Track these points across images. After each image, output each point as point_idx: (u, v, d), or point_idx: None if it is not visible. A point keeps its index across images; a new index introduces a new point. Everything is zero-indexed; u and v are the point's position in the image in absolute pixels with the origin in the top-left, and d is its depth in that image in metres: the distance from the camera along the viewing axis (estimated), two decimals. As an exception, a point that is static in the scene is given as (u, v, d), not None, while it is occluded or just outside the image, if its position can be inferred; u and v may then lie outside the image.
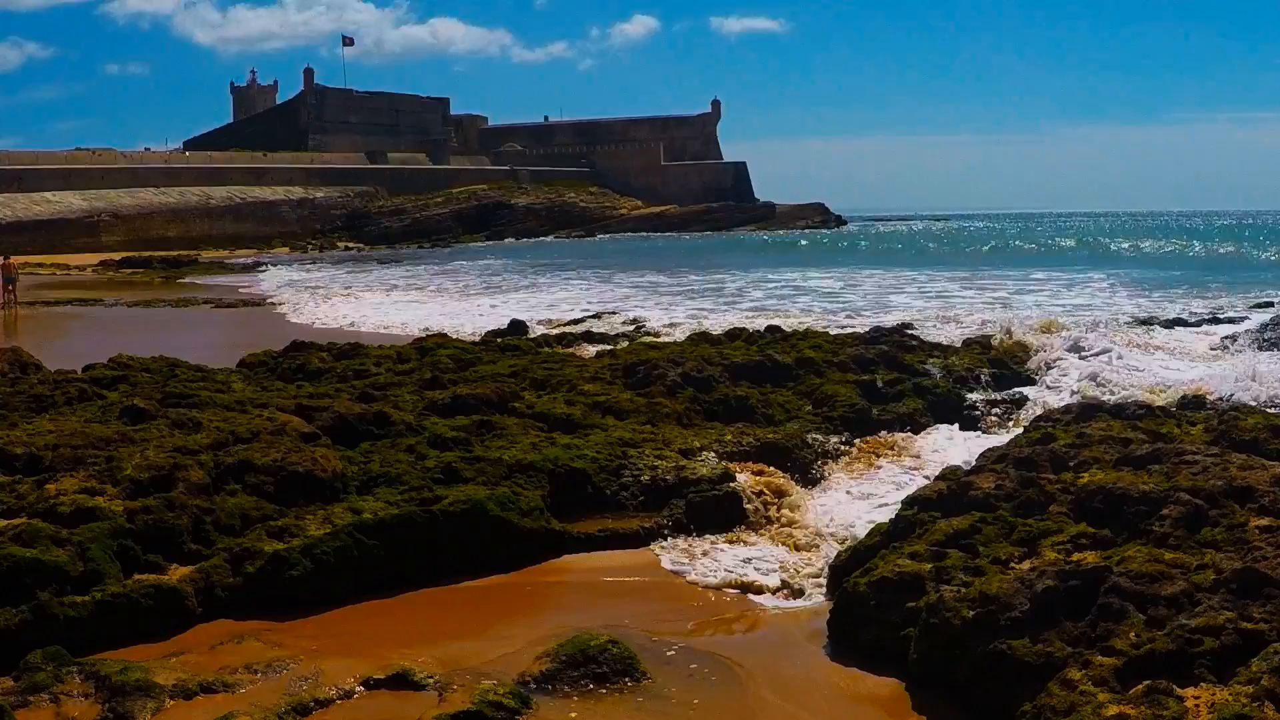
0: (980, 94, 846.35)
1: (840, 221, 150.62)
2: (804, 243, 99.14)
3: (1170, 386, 17.42)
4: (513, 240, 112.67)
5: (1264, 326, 25.38)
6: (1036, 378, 19.42)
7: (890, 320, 27.62)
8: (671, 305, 38.92)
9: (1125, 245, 79.67)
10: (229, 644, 8.55)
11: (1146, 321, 28.83)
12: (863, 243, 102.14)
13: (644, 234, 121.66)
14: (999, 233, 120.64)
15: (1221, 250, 74.10)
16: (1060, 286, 45.52)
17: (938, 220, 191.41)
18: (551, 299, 42.48)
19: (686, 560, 10.64)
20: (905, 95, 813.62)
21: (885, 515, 10.46)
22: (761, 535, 11.35)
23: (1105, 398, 16.47)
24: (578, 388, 16.07)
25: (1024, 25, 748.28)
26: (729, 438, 14.09)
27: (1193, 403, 16.61)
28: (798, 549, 10.86)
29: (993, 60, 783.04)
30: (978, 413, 17.02)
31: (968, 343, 21.51)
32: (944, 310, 33.14)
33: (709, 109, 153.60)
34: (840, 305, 38.47)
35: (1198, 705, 6.22)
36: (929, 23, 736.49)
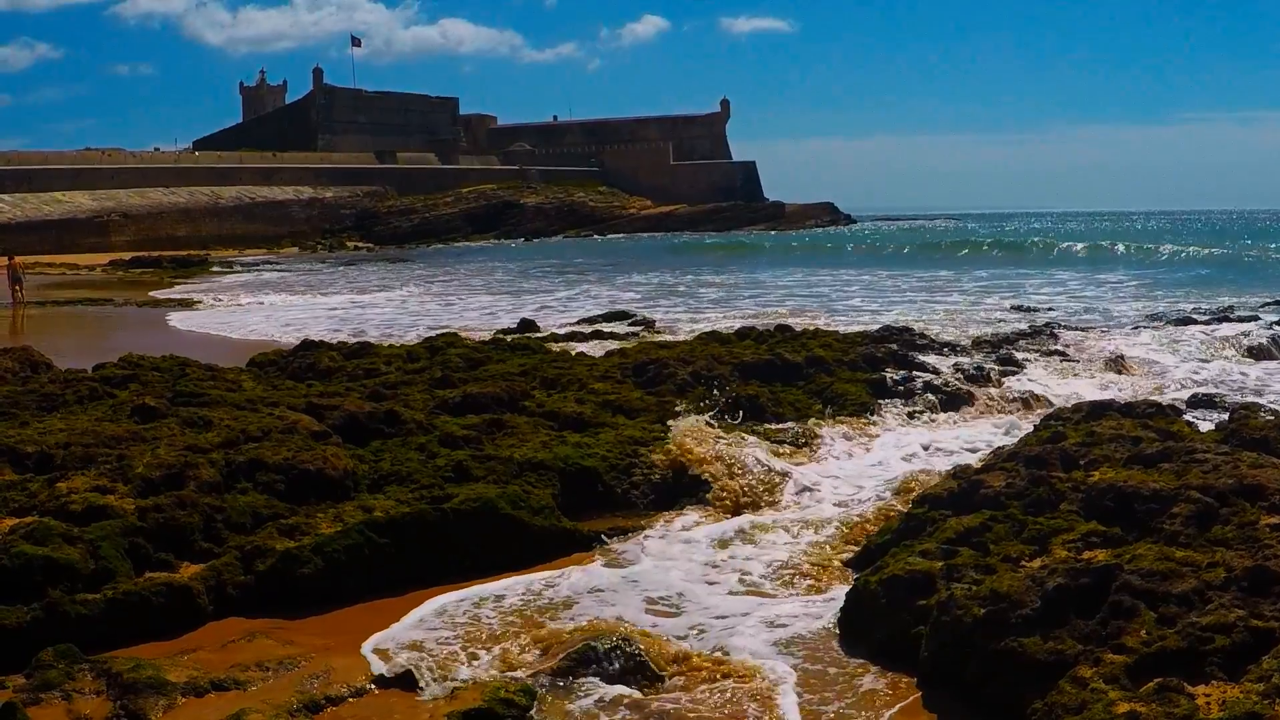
0: (987, 94, 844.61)
1: (849, 220, 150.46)
2: (763, 245, 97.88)
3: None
4: (521, 240, 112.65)
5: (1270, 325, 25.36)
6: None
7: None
8: (677, 304, 38.98)
9: (1141, 245, 79.25)
10: (240, 642, 8.56)
11: (1156, 318, 28.75)
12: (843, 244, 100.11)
13: (652, 233, 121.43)
14: (1011, 231, 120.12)
15: (1225, 249, 73.84)
16: (1079, 285, 45.53)
17: (952, 219, 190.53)
18: (500, 306, 40.76)
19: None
20: (914, 95, 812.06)
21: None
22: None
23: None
24: (588, 386, 16.09)
25: (1031, 26, 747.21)
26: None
27: (1204, 402, 16.64)
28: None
29: (1001, 60, 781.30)
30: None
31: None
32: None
33: (718, 108, 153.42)
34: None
35: (1209, 703, 6.21)
36: (937, 23, 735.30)
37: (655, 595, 9.56)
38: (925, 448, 14.59)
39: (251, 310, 40.30)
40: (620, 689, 7.61)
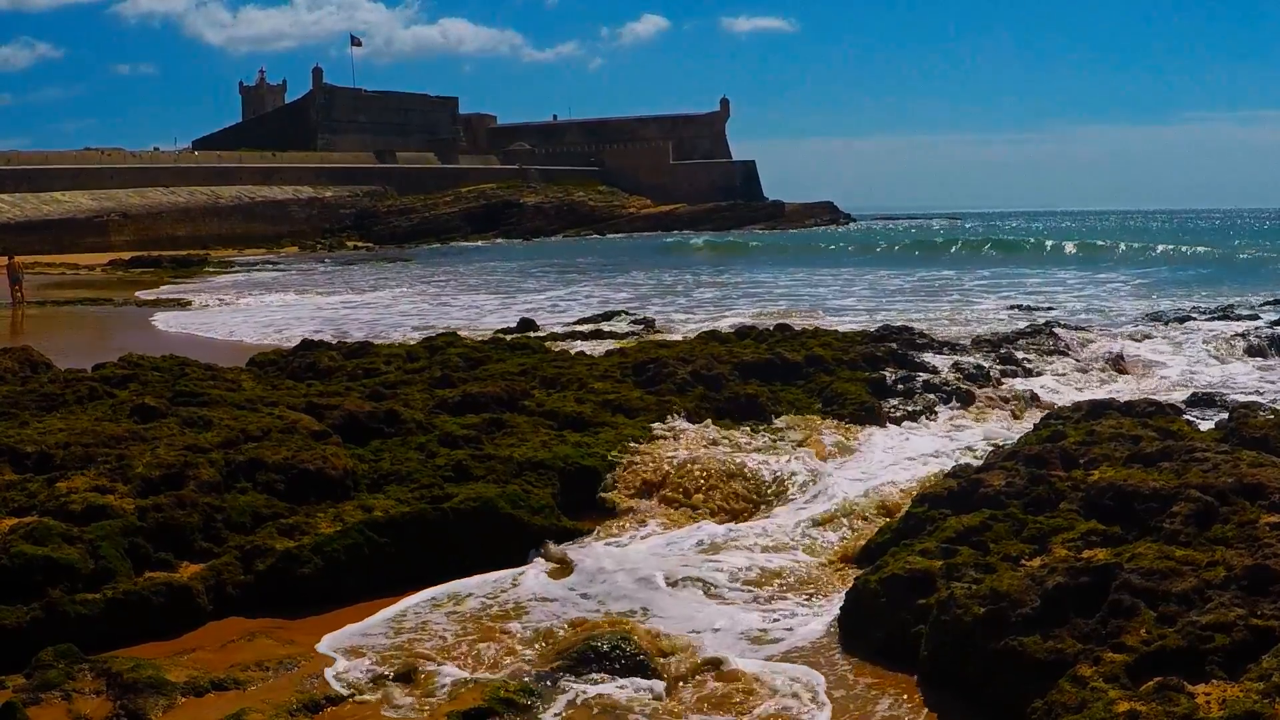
0: (988, 94, 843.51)
1: (849, 220, 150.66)
2: (762, 245, 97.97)
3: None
4: (521, 240, 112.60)
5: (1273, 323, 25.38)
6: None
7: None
8: (673, 303, 39.00)
9: (1135, 246, 79.27)
10: (240, 641, 8.57)
11: (1155, 317, 28.75)
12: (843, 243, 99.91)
13: (653, 233, 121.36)
14: (1010, 230, 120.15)
15: (1225, 249, 73.88)
16: (1079, 284, 45.56)
17: (952, 218, 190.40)
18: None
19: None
20: (914, 95, 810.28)
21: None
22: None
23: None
24: (587, 385, 16.09)
25: (1031, 26, 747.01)
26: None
27: (1203, 400, 16.63)
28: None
29: (1001, 60, 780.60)
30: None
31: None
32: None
33: (718, 108, 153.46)
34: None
35: (1209, 702, 6.21)
36: (937, 23, 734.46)
37: (623, 608, 9.30)
38: (924, 448, 14.57)
39: (240, 310, 40.18)
40: (621, 692, 7.60)
